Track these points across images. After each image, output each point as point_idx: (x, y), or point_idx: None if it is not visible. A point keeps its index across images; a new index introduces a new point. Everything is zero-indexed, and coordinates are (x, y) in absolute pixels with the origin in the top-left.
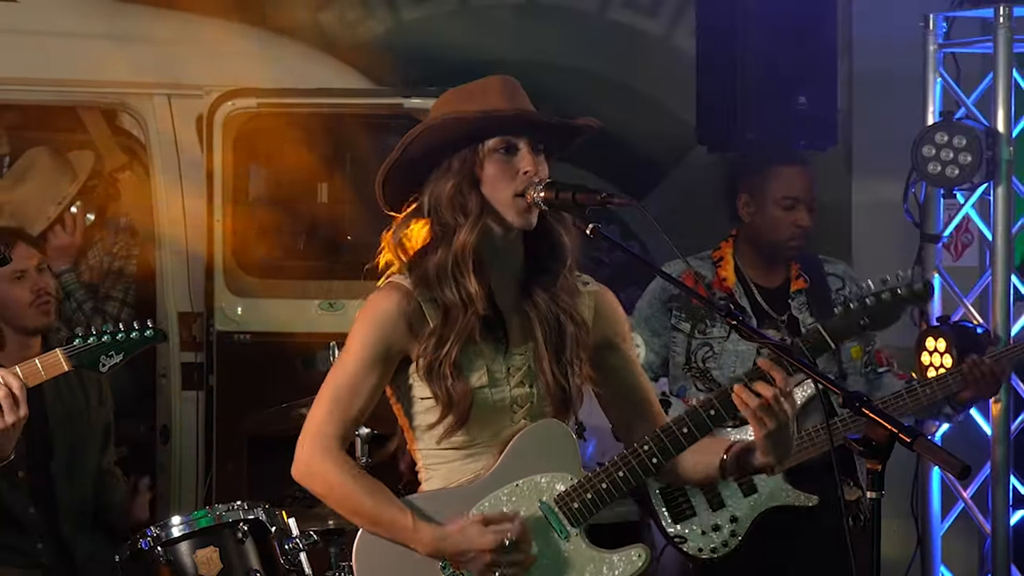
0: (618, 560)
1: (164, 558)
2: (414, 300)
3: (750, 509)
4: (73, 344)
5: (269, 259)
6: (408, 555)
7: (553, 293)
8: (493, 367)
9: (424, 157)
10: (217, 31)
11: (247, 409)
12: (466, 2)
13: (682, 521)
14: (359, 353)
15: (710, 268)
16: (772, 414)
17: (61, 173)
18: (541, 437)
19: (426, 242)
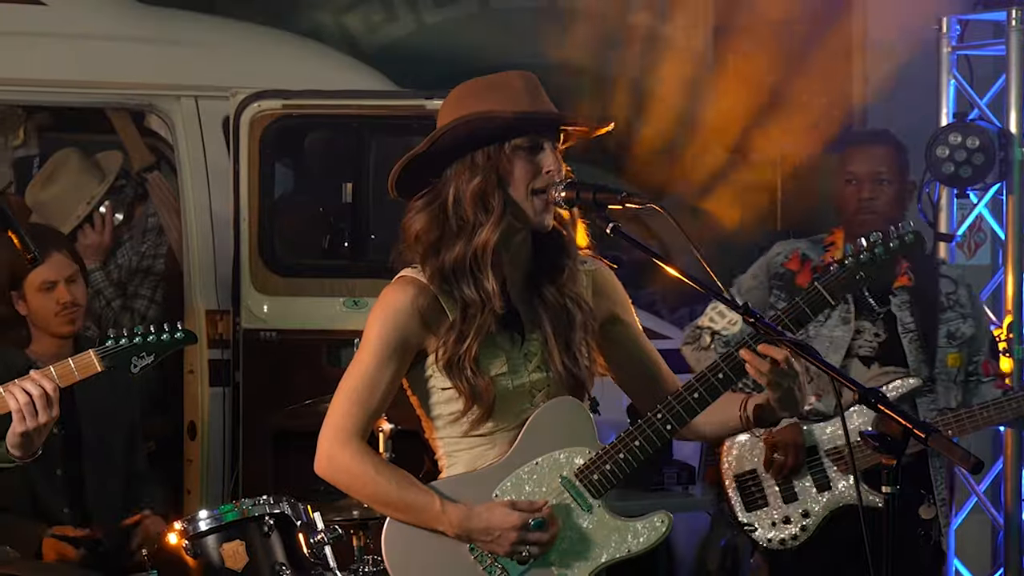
0: (642, 527)
1: (191, 551)
2: (429, 293)
3: (822, 506)
4: (106, 345)
5: (294, 257)
6: (437, 540)
7: (559, 284)
8: (511, 355)
9: (449, 151)
10: (243, 34)
11: (273, 405)
12: (487, 5)
13: (754, 511)
14: (375, 347)
15: (819, 252)
16: (783, 374)
17: (90, 173)
18: (555, 414)
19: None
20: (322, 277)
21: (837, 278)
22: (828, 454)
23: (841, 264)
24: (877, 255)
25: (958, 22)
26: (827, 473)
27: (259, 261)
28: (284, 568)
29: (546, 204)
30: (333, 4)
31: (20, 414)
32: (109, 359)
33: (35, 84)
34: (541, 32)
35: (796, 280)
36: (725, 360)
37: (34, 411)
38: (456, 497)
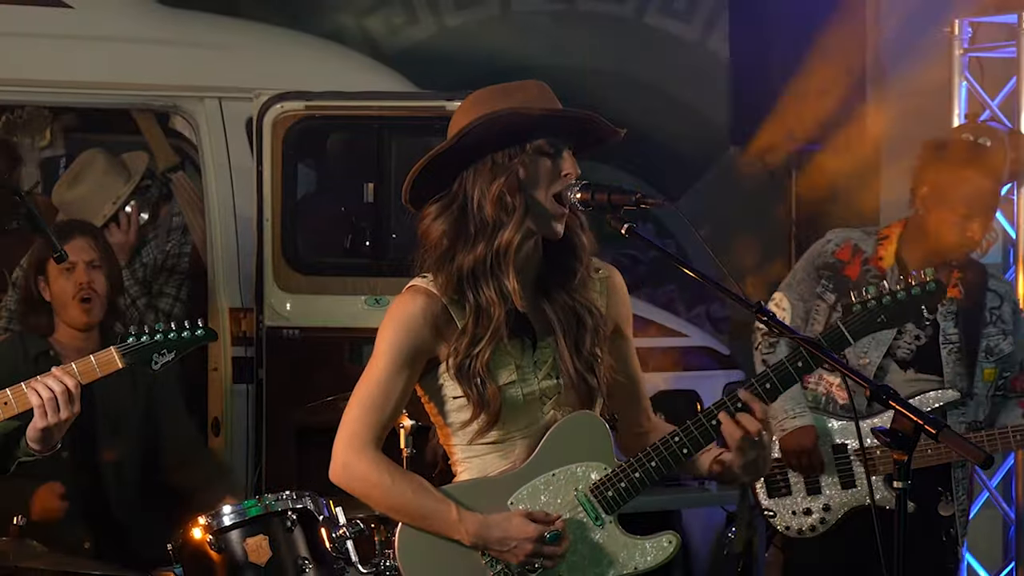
0: (650, 547)
1: (215, 546)
2: (439, 302)
3: (844, 502)
4: (127, 342)
5: (317, 257)
6: (450, 547)
7: (570, 289)
8: (521, 363)
9: (467, 153)
10: (266, 36)
11: (295, 401)
12: (507, 8)
13: (776, 497)
14: (387, 356)
15: (872, 244)
16: (752, 444)
17: (116, 173)
18: (576, 428)
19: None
20: (344, 276)
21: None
22: (856, 452)
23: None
24: (899, 300)
25: (969, 25)
26: (853, 471)
27: (282, 260)
28: (307, 562)
29: (562, 212)
30: (355, 7)
31: (42, 410)
32: (130, 356)
33: (61, 86)
34: (561, 35)
35: (845, 271)
36: (730, 399)
37: (56, 408)
38: (471, 503)
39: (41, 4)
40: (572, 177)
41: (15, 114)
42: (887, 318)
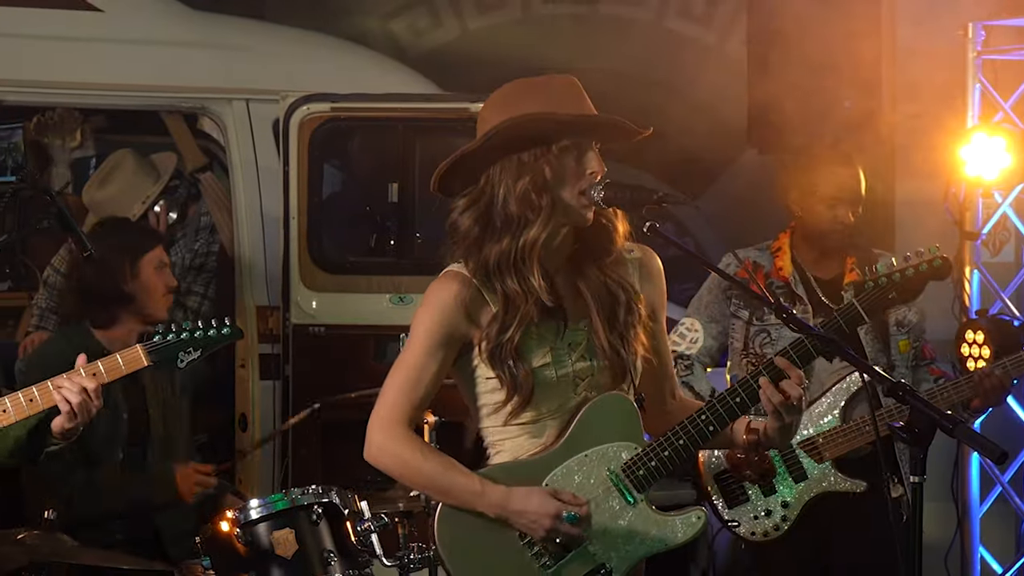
0: (680, 523)
1: (243, 539)
2: (472, 286)
3: (800, 495)
4: (153, 340)
5: (342, 255)
6: (487, 524)
7: (602, 265)
8: (555, 345)
9: (495, 151)
10: (293, 39)
11: (321, 397)
12: (529, 12)
13: (736, 507)
14: (423, 340)
15: (768, 258)
16: (791, 410)
17: (145, 174)
18: (606, 410)
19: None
20: (369, 274)
21: (872, 297)
22: (801, 445)
23: (876, 283)
24: (908, 276)
25: (983, 28)
26: (802, 464)
27: (308, 258)
28: (332, 555)
29: (589, 204)
30: (380, 10)
31: (68, 412)
32: (156, 354)
33: (92, 88)
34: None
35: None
36: (766, 367)
37: (80, 409)
38: (508, 484)
39: (71, 7)
40: (598, 175)
41: (46, 115)
42: (897, 294)
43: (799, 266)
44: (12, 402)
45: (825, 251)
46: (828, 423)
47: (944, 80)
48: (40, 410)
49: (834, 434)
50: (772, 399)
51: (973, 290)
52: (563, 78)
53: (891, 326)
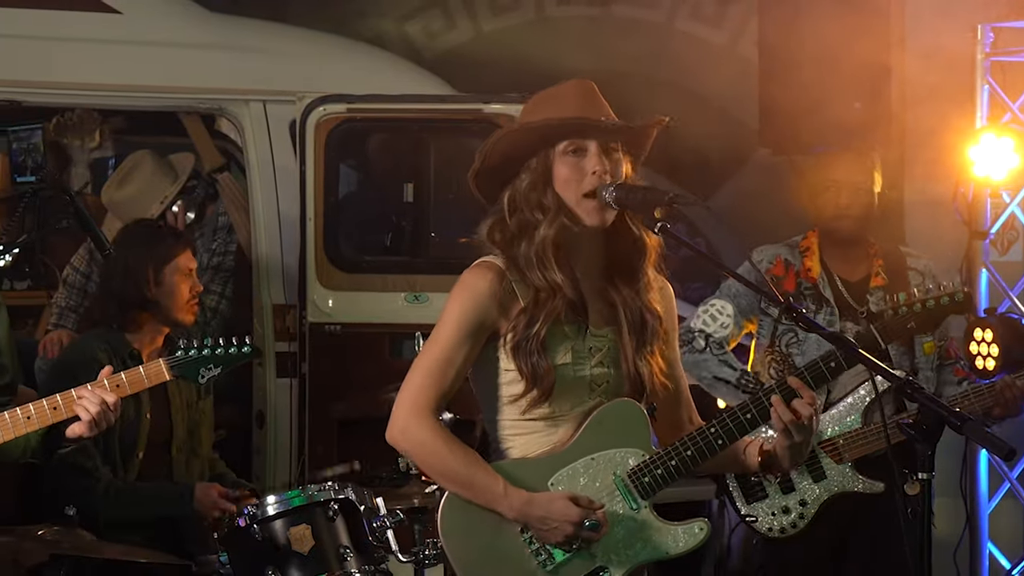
0: (682, 532)
1: (260, 535)
2: (507, 279)
3: (819, 494)
4: (176, 355)
5: (358, 254)
6: (490, 517)
7: (636, 288)
8: (576, 346)
9: (506, 162)
10: (309, 41)
11: (337, 395)
12: (542, 14)
13: (754, 502)
14: (454, 326)
15: (797, 257)
16: (801, 429)
17: (163, 174)
18: (617, 415)
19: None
20: (384, 273)
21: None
22: (821, 446)
23: (896, 312)
24: (929, 308)
25: (991, 30)
26: (821, 464)
27: (324, 258)
28: (348, 551)
29: (598, 205)
30: (395, 12)
31: (89, 423)
32: (178, 368)
33: (111, 89)
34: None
35: (783, 285)
36: (779, 386)
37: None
38: (514, 480)
39: (90, 10)
40: (601, 174)
41: (66, 116)
42: (916, 324)
43: (827, 267)
44: (36, 409)
45: (849, 251)
46: (849, 424)
47: (953, 81)
48: (62, 418)
49: (854, 436)
50: (783, 417)
51: (982, 289)
52: (577, 82)
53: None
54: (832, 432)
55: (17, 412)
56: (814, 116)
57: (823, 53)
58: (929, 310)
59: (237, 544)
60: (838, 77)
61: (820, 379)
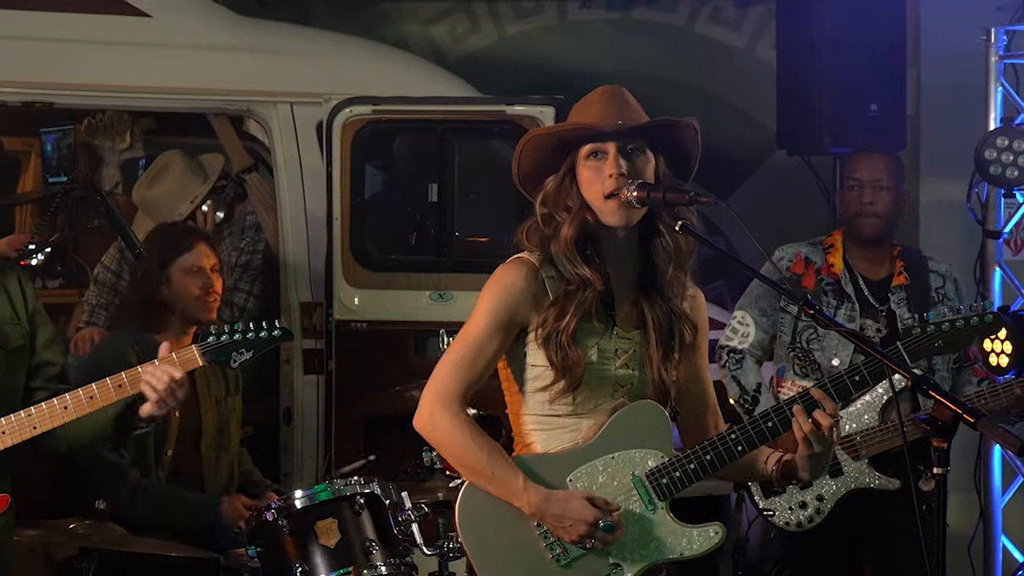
0: (697, 535)
1: (287, 528)
2: (540, 275)
3: (836, 490)
4: (208, 341)
5: (383, 253)
6: (509, 512)
7: (666, 294)
8: (603, 345)
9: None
10: (336, 44)
11: (363, 391)
12: (565, 17)
13: (772, 496)
14: (486, 319)
15: (820, 254)
16: (821, 440)
17: (193, 174)
18: (639, 416)
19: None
20: (409, 272)
21: (918, 343)
22: (839, 443)
23: (924, 331)
24: (958, 329)
25: (1005, 33)
26: (839, 460)
27: (350, 256)
28: (374, 544)
29: (619, 205)
30: (420, 16)
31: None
32: (210, 354)
33: (141, 91)
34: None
35: (802, 283)
36: (802, 396)
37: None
38: (532, 475)
39: (121, 13)
40: (615, 176)
41: (97, 118)
42: (944, 344)
43: (849, 265)
44: (100, 388)
45: (872, 251)
46: (867, 422)
47: (967, 84)
48: (127, 395)
49: (872, 433)
50: (803, 427)
51: (995, 288)
52: (606, 88)
53: None
54: (850, 429)
55: (79, 393)
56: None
57: (839, 56)
58: (958, 331)
59: (265, 538)
60: (854, 80)
61: (843, 392)
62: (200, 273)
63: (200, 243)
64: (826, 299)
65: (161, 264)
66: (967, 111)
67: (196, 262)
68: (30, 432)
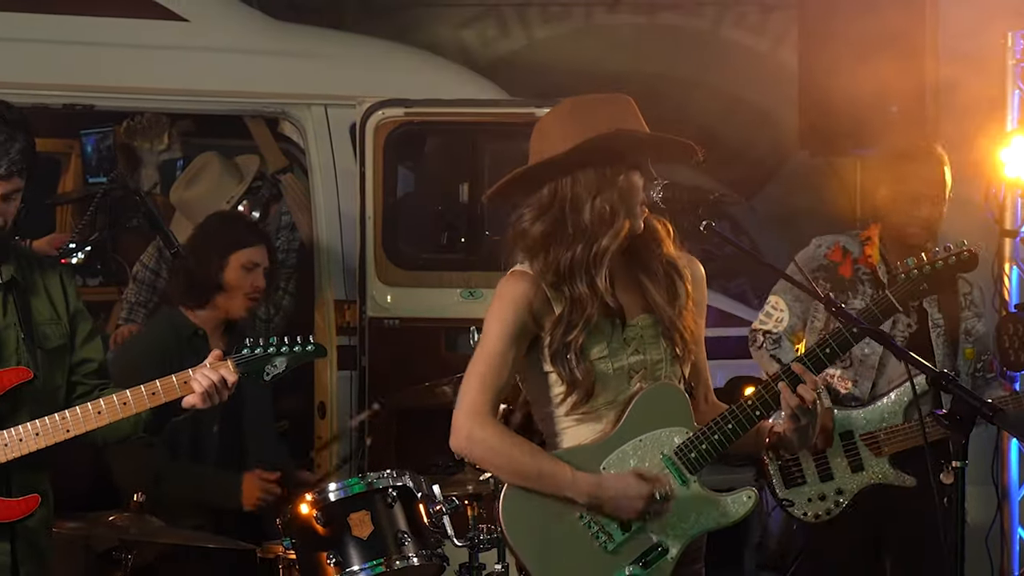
0: (731, 502)
1: (321, 520)
2: (540, 288)
3: (855, 484)
4: (242, 354)
5: (415, 252)
6: (549, 505)
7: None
8: (612, 341)
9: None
10: (368, 47)
11: (396, 386)
12: (591, 22)
13: (792, 487)
14: (498, 333)
15: (857, 245)
16: (805, 412)
17: (229, 175)
18: (659, 397)
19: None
20: (440, 270)
21: (904, 289)
22: (862, 438)
23: (907, 276)
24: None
25: (1021, 37)
26: (861, 455)
27: (383, 255)
28: (406, 536)
29: (644, 212)
30: (451, 20)
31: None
32: (244, 366)
33: (179, 94)
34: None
35: (839, 271)
36: (784, 371)
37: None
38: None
39: (160, 18)
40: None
41: (135, 120)
42: (928, 286)
43: (886, 259)
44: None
45: (908, 247)
46: (890, 419)
47: (985, 86)
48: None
49: (895, 431)
50: (789, 402)
51: (1012, 285)
52: (621, 97)
53: (960, 334)
54: (874, 426)
55: (113, 399)
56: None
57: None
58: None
59: (300, 530)
60: (874, 82)
61: (819, 365)
62: (254, 271)
63: (262, 243)
64: (862, 287)
65: (223, 249)
66: (985, 113)
67: (254, 259)
68: (63, 435)
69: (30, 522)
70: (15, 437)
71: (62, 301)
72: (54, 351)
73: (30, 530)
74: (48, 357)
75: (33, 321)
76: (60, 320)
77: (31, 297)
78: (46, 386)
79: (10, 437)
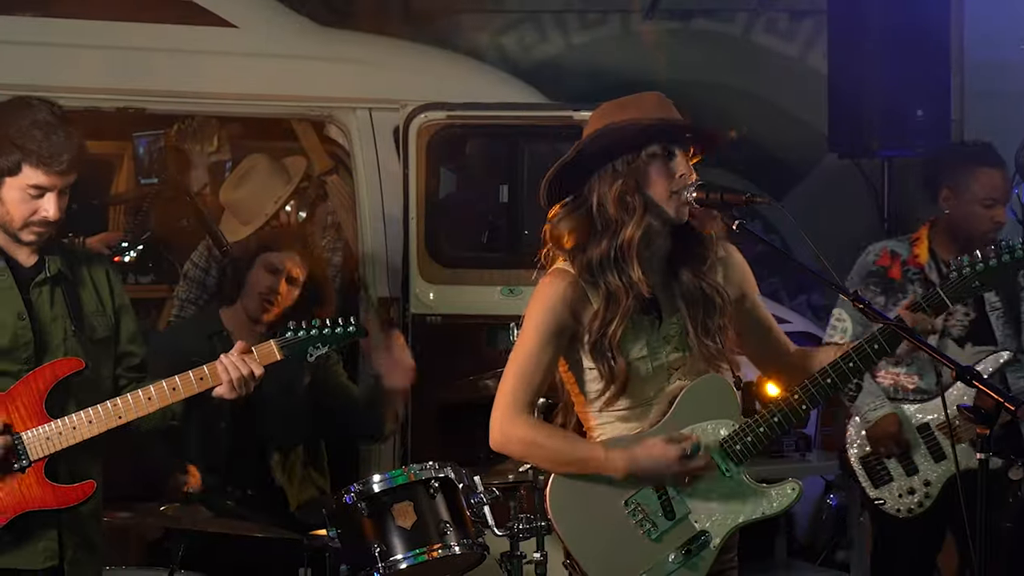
0: (776, 494)
1: (366, 511)
2: (578, 286)
3: (941, 473)
4: (285, 336)
5: (457, 251)
6: (595, 495)
7: (699, 272)
8: (651, 339)
9: (591, 161)
10: (412, 52)
11: (438, 381)
12: (628, 27)
13: (881, 486)
14: (535, 332)
15: (906, 247)
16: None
17: (277, 176)
18: (706, 390)
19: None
20: (481, 268)
21: (956, 285)
22: (939, 428)
23: (960, 273)
24: (991, 267)
25: None
26: (940, 444)
27: (426, 254)
28: (448, 526)
29: (681, 203)
30: (491, 26)
31: (230, 386)
32: (288, 348)
33: (228, 97)
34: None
35: (888, 275)
36: (856, 351)
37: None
38: None
39: (209, 24)
40: (687, 177)
41: (186, 123)
42: (981, 283)
43: (935, 256)
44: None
45: (967, 245)
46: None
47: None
48: (208, 386)
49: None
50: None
51: None
52: (652, 94)
53: (1022, 313)
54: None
55: (163, 385)
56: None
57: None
58: (992, 269)
59: (345, 520)
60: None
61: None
62: (275, 274)
63: (295, 251)
64: (912, 287)
65: (256, 249)
66: (1008, 116)
67: (278, 263)
68: (116, 421)
69: (83, 508)
70: (68, 425)
71: (108, 294)
72: (101, 342)
73: (80, 517)
74: (96, 348)
75: (82, 312)
76: (106, 312)
77: (79, 289)
78: (95, 376)
79: (64, 426)
